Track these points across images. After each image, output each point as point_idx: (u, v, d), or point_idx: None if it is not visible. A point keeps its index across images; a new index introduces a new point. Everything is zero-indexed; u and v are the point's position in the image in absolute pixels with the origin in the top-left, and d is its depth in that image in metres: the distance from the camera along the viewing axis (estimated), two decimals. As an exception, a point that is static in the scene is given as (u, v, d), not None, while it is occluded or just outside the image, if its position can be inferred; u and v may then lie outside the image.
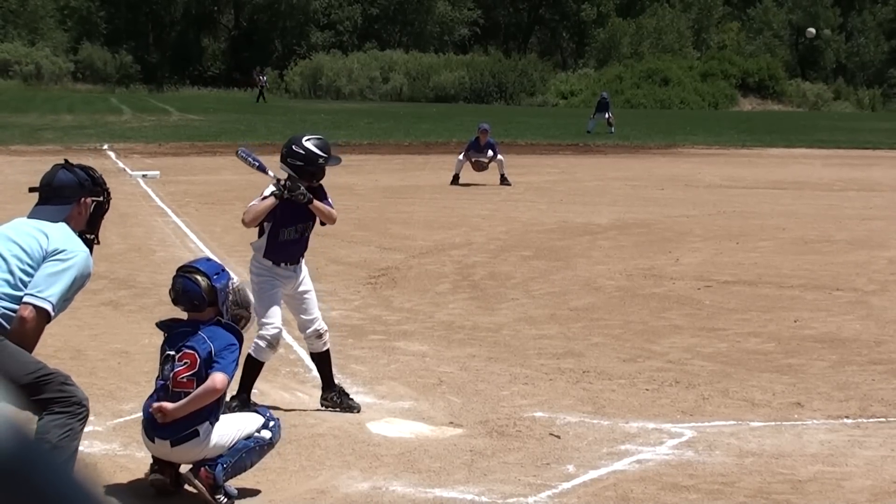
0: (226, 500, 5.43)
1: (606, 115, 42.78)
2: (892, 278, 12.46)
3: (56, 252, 5.10)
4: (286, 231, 7.05)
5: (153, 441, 5.52)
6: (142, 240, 14.42)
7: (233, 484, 5.56)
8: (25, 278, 5.05)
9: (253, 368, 6.94)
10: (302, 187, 6.95)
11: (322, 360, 7.20)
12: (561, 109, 72.90)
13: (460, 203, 19.45)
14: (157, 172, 22.90)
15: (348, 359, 8.16)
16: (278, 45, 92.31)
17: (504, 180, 22.31)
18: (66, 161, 5.61)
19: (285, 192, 6.87)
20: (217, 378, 5.42)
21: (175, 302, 5.66)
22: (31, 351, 5.06)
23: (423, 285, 11.63)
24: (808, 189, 23.29)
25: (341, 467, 6.00)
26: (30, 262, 5.08)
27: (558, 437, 6.59)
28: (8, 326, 4.96)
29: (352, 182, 22.48)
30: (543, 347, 8.90)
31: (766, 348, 9.03)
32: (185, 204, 18.13)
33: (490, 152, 22.17)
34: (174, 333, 5.63)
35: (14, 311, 4.99)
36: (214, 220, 16.37)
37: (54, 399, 4.91)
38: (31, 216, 5.37)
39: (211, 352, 5.46)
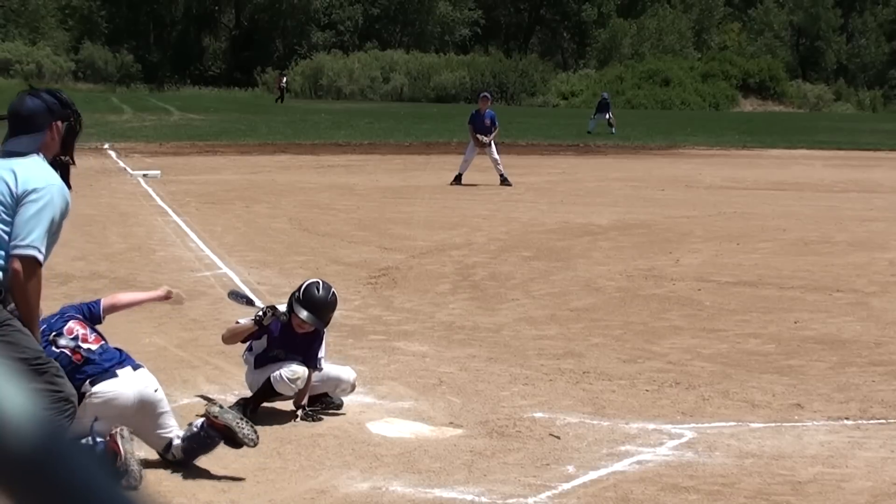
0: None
1: (607, 116, 42.85)
2: (892, 280, 12.45)
3: (27, 193, 4.94)
4: (276, 351, 6.97)
5: (135, 369, 5.91)
6: (142, 239, 14.42)
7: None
8: (3, 226, 4.94)
9: (266, 391, 6.85)
10: (279, 313, 6.91)
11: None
12: (562, 110, 72.95)
13: (461, 203, 19.45)
14: (158, 172, 22.90)
15: (348, 359, 8.14)
16: (279, 45, 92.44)
17: (504, 181, 22.34)
18: (31, 87, 5.46)
19: (263, 319, 6.85)
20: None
21: None
22: (38, 300, 5.00)
23: (423, 285, 11.62)
24: (808, 190, 23.29)
25: (341, 467, 5.99)
26: (3, 208, 4.95)
27: (558, 437, 6.58)
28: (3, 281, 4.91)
29: (352, 182, 22.50)
30: (543, 348, 8.90)
31: (766, 349, 9.02)
32: (185, 203, 18.12)
33: (489, 135, 22.52)
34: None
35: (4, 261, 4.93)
36: (215, 219, 16.37)
37: (42, 391, 4.84)
38: (2, 150, 5.18)
39: (76, 314, 6.01)
